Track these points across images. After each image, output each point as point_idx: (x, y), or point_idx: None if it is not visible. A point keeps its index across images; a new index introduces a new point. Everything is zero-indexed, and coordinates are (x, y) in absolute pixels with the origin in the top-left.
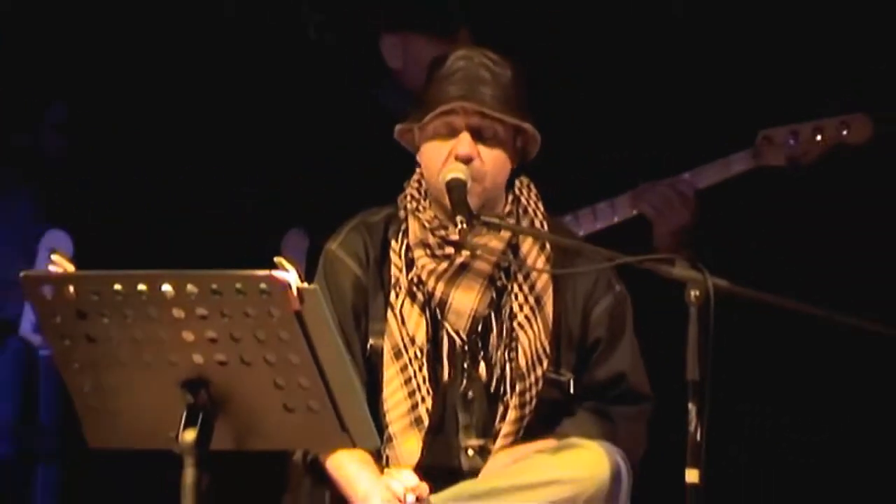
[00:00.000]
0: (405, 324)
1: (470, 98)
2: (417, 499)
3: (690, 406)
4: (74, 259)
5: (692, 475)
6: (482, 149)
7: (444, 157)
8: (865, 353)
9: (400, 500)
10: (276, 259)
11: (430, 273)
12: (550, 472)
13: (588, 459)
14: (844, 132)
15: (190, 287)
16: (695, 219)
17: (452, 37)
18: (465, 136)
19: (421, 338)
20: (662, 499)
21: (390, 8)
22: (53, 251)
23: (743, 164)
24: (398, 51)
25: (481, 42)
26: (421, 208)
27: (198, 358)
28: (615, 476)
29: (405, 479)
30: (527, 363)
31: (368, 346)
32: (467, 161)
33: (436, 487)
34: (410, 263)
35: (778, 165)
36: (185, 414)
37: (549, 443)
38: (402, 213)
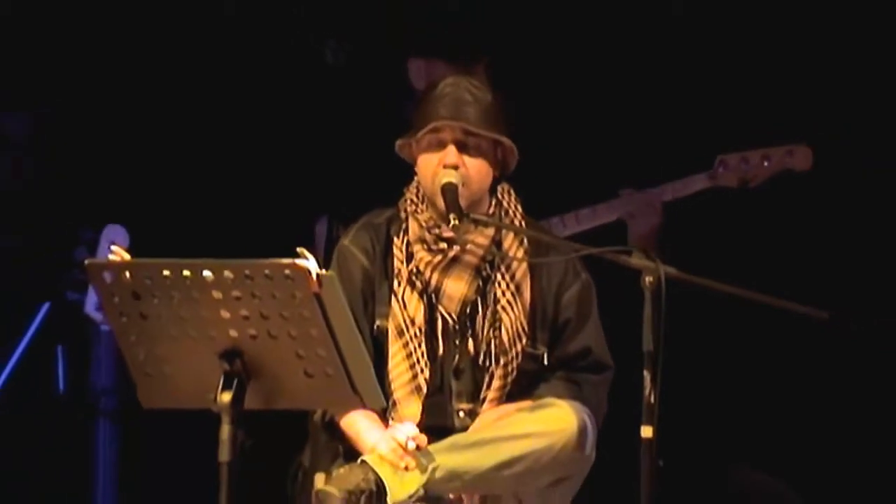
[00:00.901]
0: (406, 307)
1: (455, 117)
2: (417, 447)
3: (645, 373)
4: (130, 249)
5: (647, 431)
6: (466, 159)
7: (434, 166)
8: (792, 329)
9: (403, 447)
10: (298, 249)
11: (427, 265)
12: (528, 427)
13: (560, 416)
14: (789, 160)
15: (227, 273)
16: (662, 224)
17: (472, 65)
18: (451, 148)
19: (419, 319)
20: (621, 450)
21: (418, 36)
22: (113, 243)
23: (701, 183)
24: (423, 73)
25: (498, 71)
26: (419, 210)
27: (233, 332)
28: (582, 429)
29: (407, 430)
30: (509, 340)
31: (375, 326)
32: (454, 168)
33: (432, 443)
34: (410, 257)
35: (730, 186)
36: (222, 379)
37: (528, 403)
38: (402, 215)
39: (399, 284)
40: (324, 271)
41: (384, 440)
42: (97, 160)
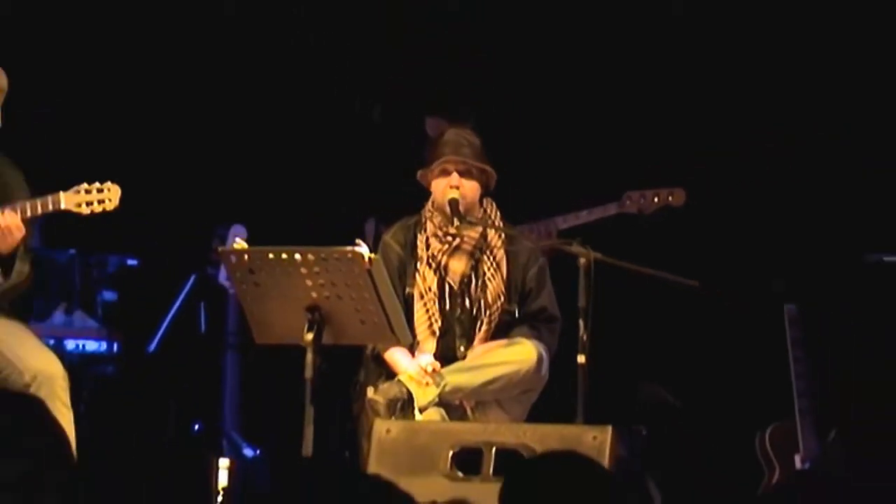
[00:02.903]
0: (425, 280)
1: (456, 154)
2: (433, 370)
3: (580, 321)
4: (248, 240)
5: (581, 358)
6: (464, 181)
7: (443, 187)
8: (675, 293)
9: (424, 370)
10: (356, 241)
11: (439, 251)
12: (503, 357)
13: (525, 350)
14: (670, 198)
15: (310, 256)
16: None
17: (463, 122)
18: (455, 175)
19: (434, 287)
20: (564, 376)
21: (432, 104)
22: (237, 236)
23: (613, 210)
24: (435, 126)
25: (482, 126)
26: (434, 216)
27: (314, 294)
28: (539, 359)
29: (427, 359)
30: (492, 300)
31: (406, 292)
32: (456, 188)
33: (443, 367)
34: (428, 246)
35: (632, 213)
36: (307, 324)
37: (503, 341)
38: (423, 219)
39: (420, 265)
40: (373, 255)
41: (413, 365)
42: (228, 181)
